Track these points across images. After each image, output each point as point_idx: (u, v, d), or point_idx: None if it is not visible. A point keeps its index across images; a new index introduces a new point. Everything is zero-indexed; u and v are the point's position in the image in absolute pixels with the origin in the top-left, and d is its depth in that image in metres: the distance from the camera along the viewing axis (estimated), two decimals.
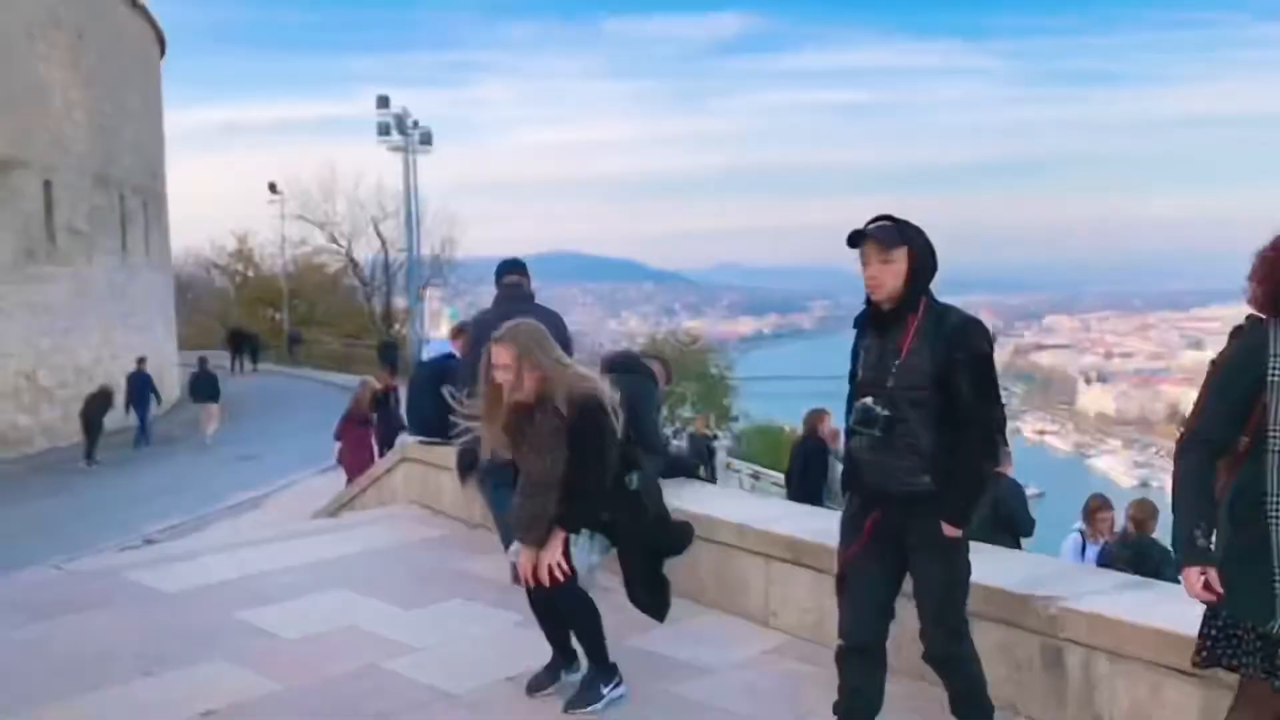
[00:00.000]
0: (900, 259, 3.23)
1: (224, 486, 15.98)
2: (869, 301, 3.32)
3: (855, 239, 3.26)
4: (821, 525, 4.97)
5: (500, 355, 3.93)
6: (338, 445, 12.80)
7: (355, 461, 11.84)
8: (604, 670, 4.07)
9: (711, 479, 11.58)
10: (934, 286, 3.34)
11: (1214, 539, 2.69)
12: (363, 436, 12.64)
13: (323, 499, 10.93)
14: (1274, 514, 2.57)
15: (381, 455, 10.95)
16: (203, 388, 22.28)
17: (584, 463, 3.89)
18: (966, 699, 3.43)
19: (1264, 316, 2.67)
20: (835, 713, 3.45)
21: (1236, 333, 2.75)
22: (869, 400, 3.28)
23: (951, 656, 3.36)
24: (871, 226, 3.28)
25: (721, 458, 16.05)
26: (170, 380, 27.21)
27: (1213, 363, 2.78)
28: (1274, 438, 2.58)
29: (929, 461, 3.21)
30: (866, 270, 3.26)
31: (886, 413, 3.24)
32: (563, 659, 4.19)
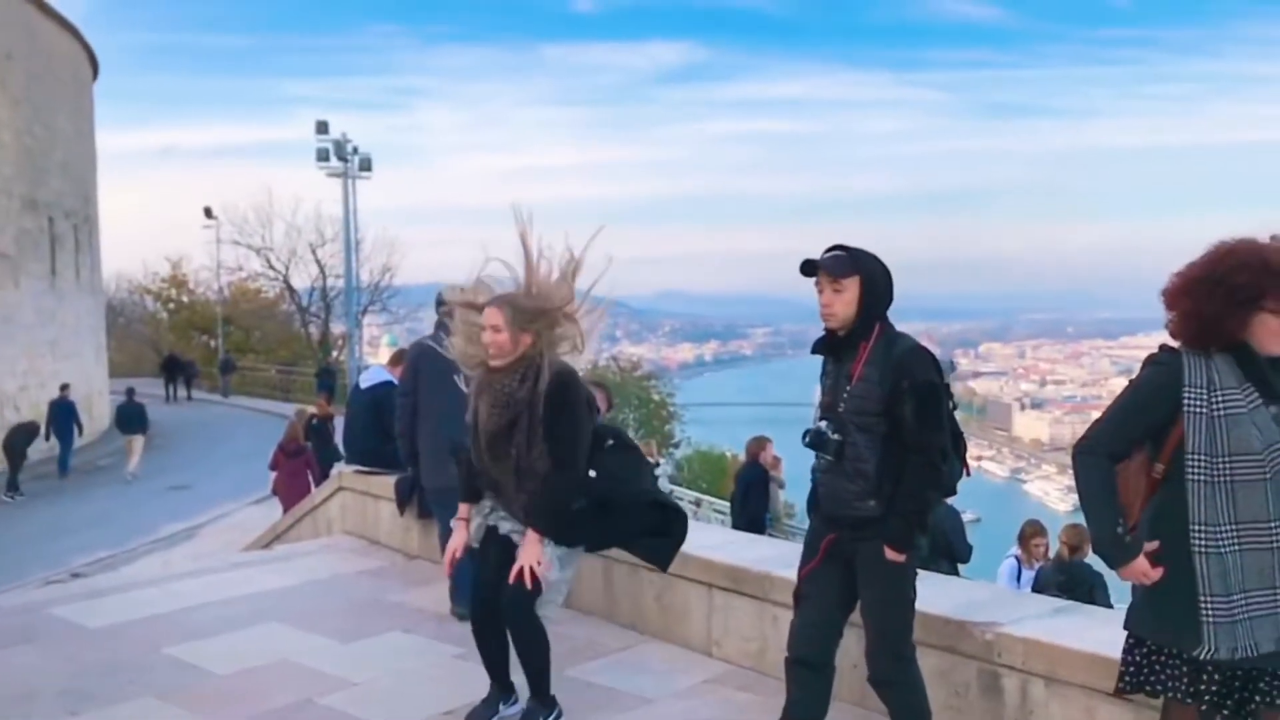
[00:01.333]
0: (851, 287, 3.30)
1: (155, 518, 15.61)
2: (827, 328, 3.40)
3: (808, 267, 3.33)
4: (763, 553, 4.99)
5: (492, 317, 3.87)
6: (273, 475, 12.59)
7: (290, 492, 11.67)
8: (545, 703, 4.00)
9: None
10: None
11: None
12: (297, 466, 12.47)
13: (257, 530, 10.71)
14: (1199, 543, 2.62)
15: (318, 485, 10.78)
16: (129, 418, 21.44)
17: (559, 437, 3.82)
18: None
19: (1177, 347, 2.75)
20: None
21: (1150, 361, 2.82)
22: (823, 424, 3.37)
23: (893, 680, 3.40)
24: (825, 256, 3.35)
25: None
26: (100, 408, 26.56)
27: (1130, 383, 2.86)
28: (1192, 467, 2.64)
29: (875, 486, 3.29)
30: (820, 298, 3.34)
31: (838, 437, 3.33)
32: (500, 691, 4.10)
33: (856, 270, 3.31)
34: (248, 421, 26.84)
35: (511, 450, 3.87)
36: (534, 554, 3.81)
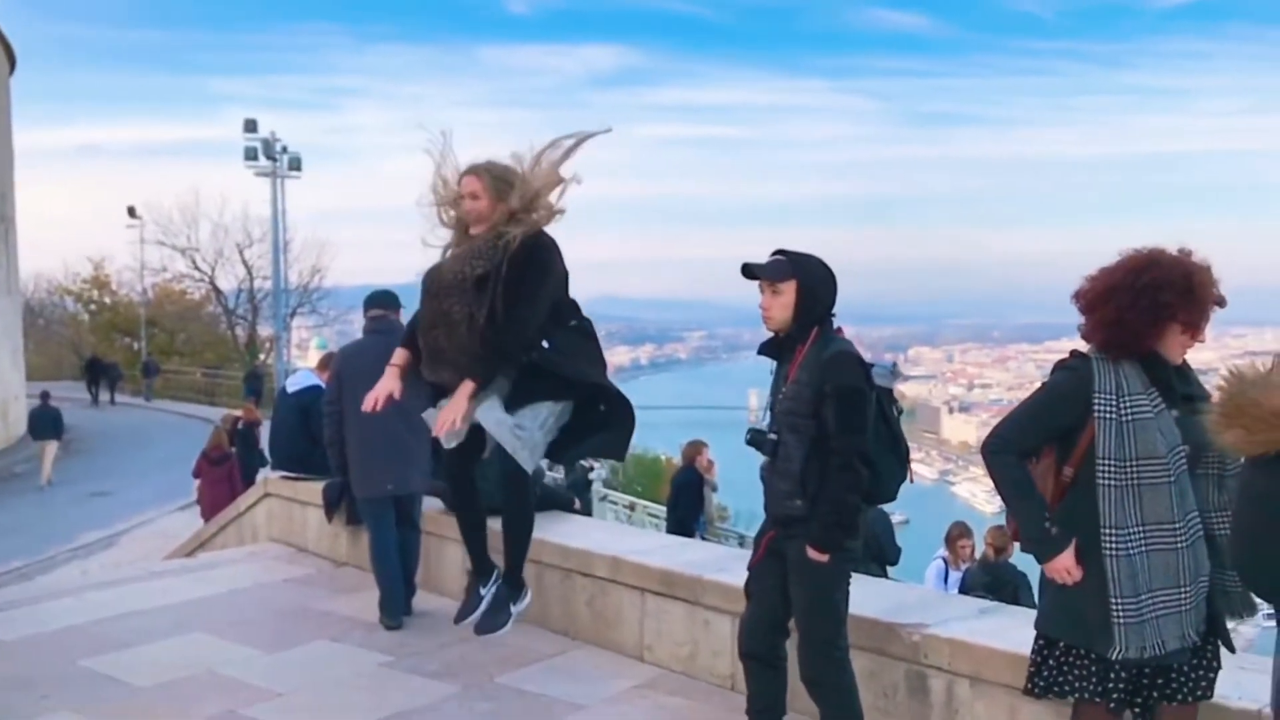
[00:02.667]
0: (789, 291, 3.39)
1: (73, 526, 15.15)
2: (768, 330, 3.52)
3: (747, 271, 3.43)
4: (695, 557, 5.00)
5: (470, 184, 4.01)
6: (196, 483, 12.32)
7: (213, 500, 11.41)
8: (514, 585, 4.28)
9: (587, 511, 11.54)
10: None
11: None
12: (221, 474, 12.20)
13: (181, 538, 10.45)
14: (1109, 546, 2.69)
15: (242, 493, 10.56)
16: (42, 423, 20.52)
17: (519, 295, 3.91)
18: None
19: (1087, 352, 2.81)
20: (747, 714, 3.65)
21: (1060, 365, 2.89)
22: (763, 424, 3.49)
23: (821, 680, 3.46)
24: (767, 260, 3.43)
25: (597, 488, 15.99)
26: (16, 413, 25.71)
27: (1042, 385, 2.93)
28: (1103, 471, 2.71)
29: (800, 486, 3.37)
30: (761, 301, 3.44)
31: (774, 436, 3.43)
32: (479, 578, 4.35)
33: (794, 274, 3.39)
34: (172, 426, 26.20)
35: (467, 310, 3.92)
36: (460, 406, 3.89)
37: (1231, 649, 2.86)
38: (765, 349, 3.52)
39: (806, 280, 3.41)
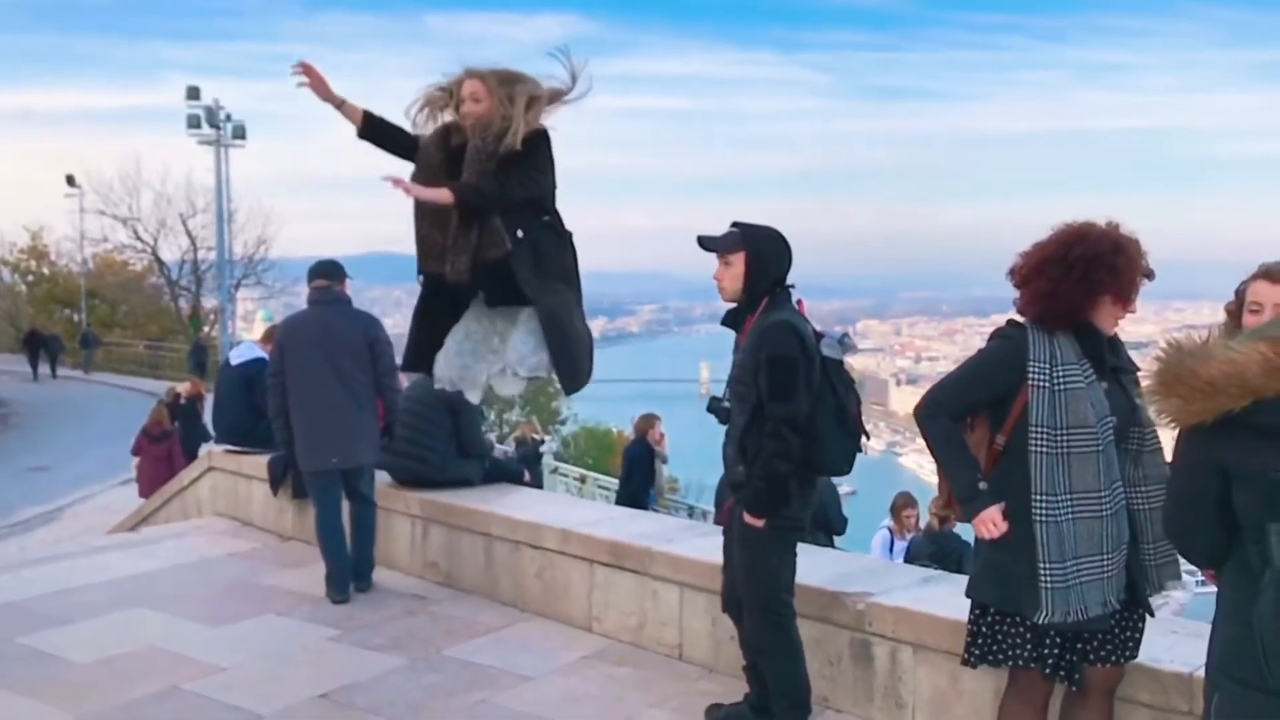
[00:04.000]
0: (738, 263, 3.46)
1: (11, 501, 14.81)
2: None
3: (700, 243, 3.53)
4: (644, 528, 5.02)
5: (471, 86, 4.13)
6: (135, 460, 12.10)
7: (152, 478, 11.18)
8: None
9: (537, 484, 11.54)
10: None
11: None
12: (161, 451, 11.98)
13: (124, 513, 10.28)
14: (1039, 512, 2.74)
15: (187, 465, 10.40)
16: None
17: (515, 177, 4.08)
18: (775, 692, 3.57)
19: (1023, 322, 2.86)
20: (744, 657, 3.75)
21: (996, 334, 2.94)
22: (720, 393, 3.60)
23: (764, 647, 3.55)
24: (722, 233, 3.50)
25: (548, 461, 15.97)
26: None
27: (978, 352, 2.99)
28: (1035, 439, 2.76)
29: (740, 451, 3.46)
30: (715, 272, 3.53)
31: (726, 404, 3.54)
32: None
33: (743, 246, 3.45)
34: (114, 399, 25.68)
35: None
36: (425, 193, 4.12)
37: (1151, 613, 2.95)
38: (726, 319, 3.60)
39: (755, 251, 3.46)
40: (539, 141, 4.17)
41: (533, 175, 4.17)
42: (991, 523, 2.82)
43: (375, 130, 4.43)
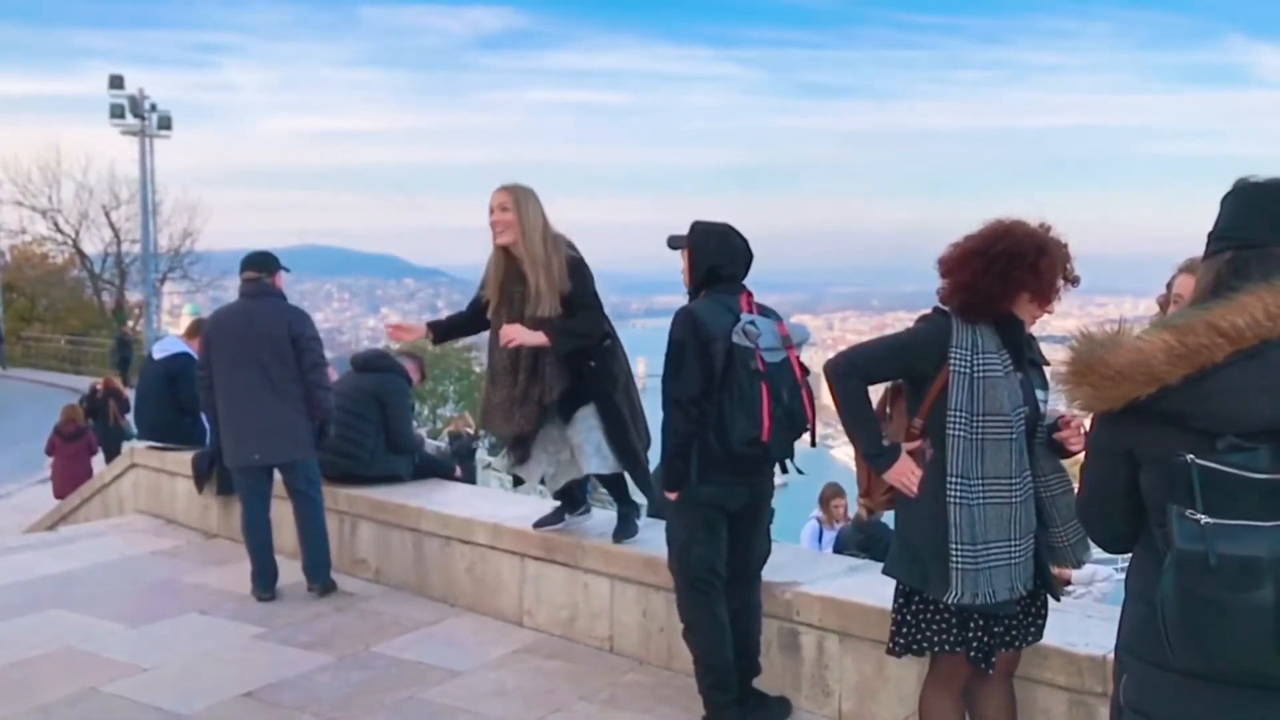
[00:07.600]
0: (685, 258, 3.72)
1: None
2: None
3: (668, 242, 3.79)
4: (575, 522, 5.01)
5: (499, 198, 4.34)
6: (49, 461, 11.76)
7: (71, 477, 10.86)
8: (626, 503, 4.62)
9: (470, 479, 11.44)
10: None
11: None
12: (76, 450, 11.65)
13: (42, 512, 9.99)
14: (953, 494, 2.81)
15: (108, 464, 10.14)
16: None
17: (580, 320, 4.33)
18: (700, 670, 3.64)
19: (947, 310, 2.92)
20: None
21: (922, 318, 3.01)
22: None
23: (684, 620, 3.67)
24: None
25: (481, 456, 15.85)
26: None
27: (906, 329, 3.05)
28: (953, 422, 2.82)
29: None
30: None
31: None
32: (569, 506, 4.73)
33: (689, 243, 3.70)
34: (33, 395, 24.87)
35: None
36: (528, 338, 4.24)
37: (1057, 598, 3.08)
38: None
39: (694, 245, 3.70)
40: (585, 275, 4.39)
41: (598, 312, 4.40)
42: (909, 473, 2.88)
43: (445, 335, 4.85)
